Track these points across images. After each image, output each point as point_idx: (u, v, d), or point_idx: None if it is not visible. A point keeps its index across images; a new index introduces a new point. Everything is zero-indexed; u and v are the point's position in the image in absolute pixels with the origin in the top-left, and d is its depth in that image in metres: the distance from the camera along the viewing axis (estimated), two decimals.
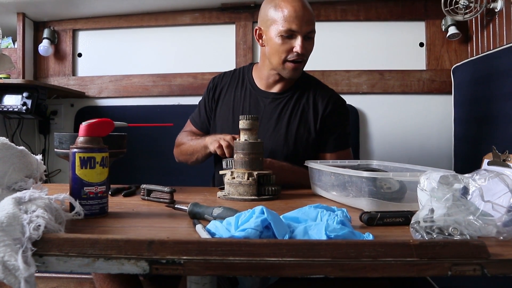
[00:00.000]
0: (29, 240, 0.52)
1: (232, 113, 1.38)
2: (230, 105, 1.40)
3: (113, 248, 0.52)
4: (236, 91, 1.41)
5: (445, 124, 1.98)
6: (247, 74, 1.43)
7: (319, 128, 1.34)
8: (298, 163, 1.23)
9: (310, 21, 1.24)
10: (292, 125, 1.33)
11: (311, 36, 1.27)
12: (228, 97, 1.41)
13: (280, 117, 1.34)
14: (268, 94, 1.37)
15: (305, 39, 1.25)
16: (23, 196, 0.62)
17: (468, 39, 1.98)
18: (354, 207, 0.89)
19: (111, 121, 0.81)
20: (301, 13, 1.22)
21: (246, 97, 1.38)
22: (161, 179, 1.96)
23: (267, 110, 1.35)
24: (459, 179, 0.67)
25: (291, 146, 1.32)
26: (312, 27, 1.25)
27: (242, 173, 1.01)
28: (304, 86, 1.38)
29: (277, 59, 1.27)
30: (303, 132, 1.33)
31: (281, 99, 1.36)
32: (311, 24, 1.25)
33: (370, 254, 0.51)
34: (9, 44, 2.18)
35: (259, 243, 0.52)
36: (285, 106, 1.35)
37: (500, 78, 1.50)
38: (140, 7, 2.10)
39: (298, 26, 1.22)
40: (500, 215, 0.61)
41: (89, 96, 2.18)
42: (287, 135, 1.32)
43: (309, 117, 1.34)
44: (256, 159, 1.04)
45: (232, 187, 1.01)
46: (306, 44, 1.25)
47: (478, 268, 0.51)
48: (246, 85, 1.41)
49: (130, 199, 1.01)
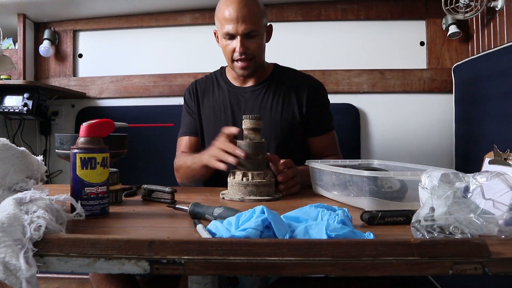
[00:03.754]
0: (30, 240, 0.53)
1: (214, 114, 1.39)
2: (211, 108, 1.41)
3: (113, 248, 0.52)
4: (214, 94, 1.42)
5: (446, 123, 1.97)
6: (221, 77, 1.45)
7: (305, 112, 1.36)
8: (288, 149, 1.29)
9: (248, 20, 1.23)
10: (275, 111, 1.35)
11: (253, 34, 1.26)
12: (207, 101, 1.43)
13: (262, 106, 1.36)
14: (245, 89, 1.40)
15: (246, 38, 1.25)
16: (24, 196, 0.62)
17: (468, 38, 1.98)
18: (355, 206, 0.89)
19: (112, 121, 0.81)
20: (235, 15, 1.22)
21: (225, 96, 1.40)
22: (162, 179, 1.95)
23: (248, 103, 1.37)
24: (461, 178, 0.67)
25: (279, 132, 1.33)
26: (250, 27, 1.23)
27: (255, 174, 1.01)
28: (280, 75, 1.41)
29: (227, 59, 1.32)
30: (286, 116, 1.35)
31: (260, 89, 1.38)
32: (249, 23, 1.23)
33: (371, 253, 0.51)
34: (9, 45, 2.18)
35: (259, 243, 0.52)
36: (265, 95, 1.37)
37: (501, 77, 1.49)
38: (141, 8, 2.10)
39: (233, 28, 1.23)
40: (501, 213, 0.61)
41: (90, 96, 2.19)
42: (271, 122, 1.34)
43: (292, 101, 1.36)
44: (259, 160, 1.03)
45: (236, 188, 1.01)
46: (247, 43, 1.26)
47: (479, 267, 0.51)
48: (223, 86, 1.43)
49: (131, 199, 1.01)
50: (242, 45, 1.25)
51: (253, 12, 1.25)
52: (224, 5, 1.25)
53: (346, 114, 1.99)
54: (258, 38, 1.28)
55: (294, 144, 1.37)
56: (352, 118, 2.00)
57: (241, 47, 1.25)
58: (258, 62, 1.33)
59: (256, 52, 1.29)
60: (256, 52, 1.29)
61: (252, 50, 1.28)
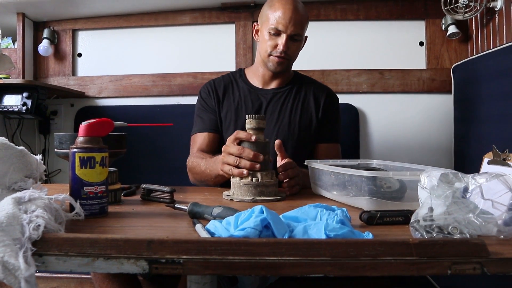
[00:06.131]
0: (29, 240, 0.52)
1: (235, 113, 1.40)
2: (231, 105, 1.42)
3: (112, 247, 0.52)
4: (234, 93, 1.44)
5: (445, 123, 1.98)
6: (241, 78, 1.47)
7: (321, 117, 1.41)
8: (303, 153, 1.35)
9: (298, 24, 1.31)
10: (294, 115, 1.40)
11: (297, 38, 1.34)
12: (227, 99, 1.43)
13: (282, 109, 1.41)
14: (267, 91, 1.43)
15: (290, 40, 1.32)
16: (22, 196, 0.62)
17: (468, 38, 1.98)
18: (354, 206, 0.89)
19: (111, 121, 0.81)
20: (289, 16, 1.29)
21: (247, 97, 1.42)
22: (161, 179, 1.96)
23: (270, 105, 1.41)
24: (460, 178, 0.67)
25: (296, 135, 1.38)
26: (298, 30, 1.32)
27: (264, 174, 1.00)
28: (301, 81, 1.47)
29: (264, 52, 1.36)
30: (305, 120, 1.41)
31: (282, 93, 1.43)
32: (298, 27, 1.31)
33: (370, 253, 0.51)
34: (9, 44, 2.18)
35: (258, 242, 0.52)
36: (286, 99, 1.42)
37: (500, 77, 1.50)
38: (140, 7, 2.10)
39: (284, 27, 1.30)
40: (500, 213, 0.61)
41: (89, 96, 2.18)
42: (290, 125, 1.39)
43: (310, 106, 1.42)
44: (266, 159, 1.03)
45: (246, 189, 1.00)
46: (290, 44, 1.33)
47: (478, 267, 0.51)
48: (243, 87, 1.45)
49: (130, 199, 1.01)
50: (286, 44, 1.31)
51: (304, 19, 1.34)
52: (280, 3, 1.31)
53: (345, 114, 1.98)
54: (298, 43, 1.37)
55: (309, 148, 1.42)
56: (351, 118, 2.00)
57: (285, 45, 1.31)
58: (290, 65, 1.41)
59: (293, 55, 1.38)
60: (293, 55, 1.38)
61: (291, 52, 1.35)
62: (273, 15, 1.31)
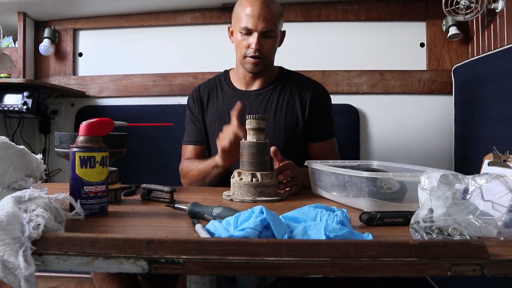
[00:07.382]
0: (29, 239, 0.52)
1: (219, 119, 1.39)
2: (215, 112, 1.41)
3: (112, 247, 0.52)
4: (218, 98, 1.43)
5: (446, 124, 1.97)
6: (225, 80, 1.46)
7: (308, 117, 1.37)
8: (291, 153, 1.27)
9: (268, 19, 1.27)
10: (279, 116, 1.36)
11: (270, 34, 1.30)
12: (211, 106, 1.43)
13: (266, 110, 1.37)
14: (250, 92, 1.41)
15: (263, 37, 1.28)
16: (23, 195, 0.62)
17: (468, 40, 1.98)
18: (354, 207, 0.89)
19: (111, 120, 0.81)
20: (258, 12, 1.26)
21: (230, 100, 1.39)
22: (161, 178, 1.95)
23: (253, 106, 1.38)
24: (460, 179, 0.67)
25: (282, 137, 1.34)
26: (269, 26, 1.27)
27: (264, 174, 1.00)
28: (285, 79, 1.42)
29: (239, 54, 1.35)
30: (290, 121, 1.36)
31: (264, 94, 1.39)
32: (269, 23, 1.27)
33: (370, 254, 0.51)
34: (9, 44, 2.18)
35: (258, 243, 0.52)
36: (270, 99, 1.38)
37: (501, 79, 1.50)
38: (141, 7, 2.10)
39: (253, 25, 1.27)
40: (500, 214, 0.61)
41: (90, 95, 2.18)
42: (275, 127, 1.35)
43: (296, 106, 1.37)
44: (266, 160, 1.03)
45: (246, 189, 1.00)
46: (263, 41, 1.29)
47: (478, 269, 0.51)
48: (227, 90, 1.44)
49: (130, 198, 1.01)
50: (258, 43, 1.28)
51: (274, 13, 1.29)
52: (248, 1, 1.29)
53: (346, 115, 1.99)
54: (273, 40, 1.32)
55: (298, 149, 1.38)
56: (351, 119, 2.00)
57: (257, 44, 1.28)
58: (268, 63, 1.36)
59: (269, 52, 1.33)
60: (268, 52, 1.33)
61: (266, 50, 1.31)
62: (243, 14, 1.28)
